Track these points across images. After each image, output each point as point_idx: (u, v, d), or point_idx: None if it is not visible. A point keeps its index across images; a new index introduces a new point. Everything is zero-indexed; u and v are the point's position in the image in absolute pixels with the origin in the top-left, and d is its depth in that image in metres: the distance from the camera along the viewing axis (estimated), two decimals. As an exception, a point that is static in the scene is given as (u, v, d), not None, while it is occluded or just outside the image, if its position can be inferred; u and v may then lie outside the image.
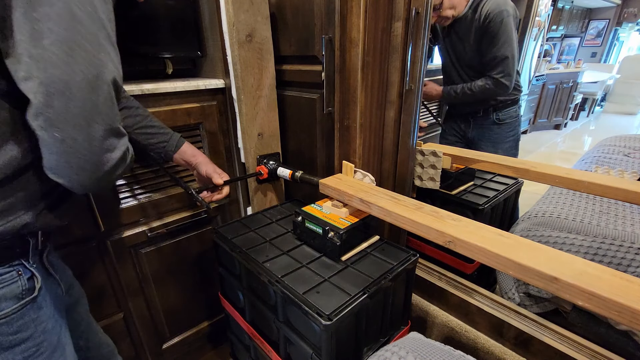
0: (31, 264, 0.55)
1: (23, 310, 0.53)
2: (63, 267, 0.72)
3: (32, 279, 0.55)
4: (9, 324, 0.52)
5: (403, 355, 0.67)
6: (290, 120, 1.19)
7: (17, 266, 0.53)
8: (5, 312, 0.51)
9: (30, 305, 0.54)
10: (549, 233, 1.07)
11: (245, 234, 0.98)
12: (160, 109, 0.99)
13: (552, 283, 0.51)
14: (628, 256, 0.92)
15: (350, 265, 0.82)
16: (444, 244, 0.65)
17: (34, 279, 0.56)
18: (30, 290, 0.54)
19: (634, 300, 0.45)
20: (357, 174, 0.96)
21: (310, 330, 0.72)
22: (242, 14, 0.96)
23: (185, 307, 1.26)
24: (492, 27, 1.34)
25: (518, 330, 0.85)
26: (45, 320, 0.57)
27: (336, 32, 0.86)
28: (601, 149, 1.75)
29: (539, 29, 2.97)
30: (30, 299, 0.54)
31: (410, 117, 0.94)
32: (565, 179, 0.90)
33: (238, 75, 1.01)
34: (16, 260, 0.53)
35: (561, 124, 4.64)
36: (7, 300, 0.51)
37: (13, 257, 0.53)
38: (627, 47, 6.30)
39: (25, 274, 0.54)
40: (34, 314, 0.55)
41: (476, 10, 1.38)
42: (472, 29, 1.40)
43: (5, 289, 0.51)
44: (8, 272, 0.52)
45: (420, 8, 0.82)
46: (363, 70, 0.86)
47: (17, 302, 0.52)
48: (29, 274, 0.55)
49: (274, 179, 1.17)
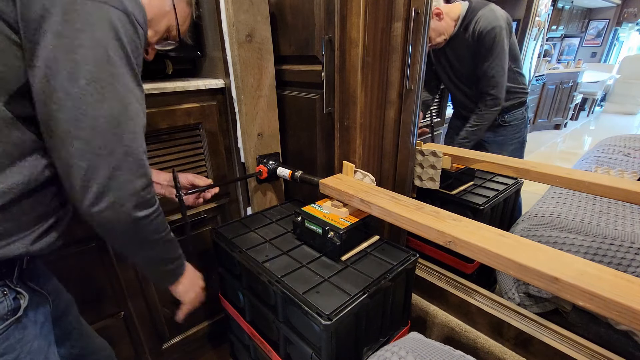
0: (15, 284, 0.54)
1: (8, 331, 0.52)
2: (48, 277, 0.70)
3: (17, 299, 0.54)
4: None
5: (403, 355, 0.67)
6: (290, 120, 1.19)
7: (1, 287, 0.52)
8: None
9: (15, 325, 0.53)
10: (549, 233, 1.07)
11: (245, 234, 0.98)
12: (160, 109, 0.99)
13: (552, 283, 0.51)
14: (628, 256, 0.92)
15: (350, 265, 0.82)
16: (445, 244, 0.65)
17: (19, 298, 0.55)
18: (15, 311, 0.53)
19: (635, 300, 0.45)
20: (357, 174, 0.96)
21: (310, 330, 0.72)
22: (241, 14, 0.96)
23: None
24: (484, 43, 1.35)
25: (518, 330, 0.85)
26: (31, 340, 0.56)
27: (336, 32, 0.86)
28: (601, 149, 1.75)
29: (538, 29, 2.96)
30: (14, 319, 0.53)
31: (410, 117, 0.94)
32: (566, 179, 0.90)
33: (238, 75, 1.01)
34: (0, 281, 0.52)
35: (561, 124, 4.64)
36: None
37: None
38: (627, 47, 6.30)
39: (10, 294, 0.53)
40: (19, 335, 0.54)
41: (467, 28, 1.38)
42: (464, 46, 1.42)
43: None
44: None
45: (420, 8, 0.82)
46: (363, 70, 0.86)
47: (2, 323, 0.51)
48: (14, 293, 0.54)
49: (273, 179, 1.17)
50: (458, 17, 1.40)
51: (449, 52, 1.50)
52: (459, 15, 1.40)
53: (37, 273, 0.64)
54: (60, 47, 0.45)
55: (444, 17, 1.39)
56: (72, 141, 0.48)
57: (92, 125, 0.48)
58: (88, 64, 0.47)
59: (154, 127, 0.98)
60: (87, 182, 0.50)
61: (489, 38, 1.33)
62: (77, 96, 0.46)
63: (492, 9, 1.36)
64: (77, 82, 0.46)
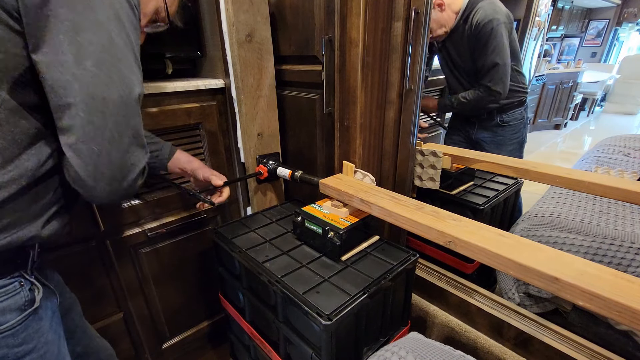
0: (30, 275, 0.56)
1: (26, 322, 0.54)
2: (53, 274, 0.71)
3: (32, 290, 0.56)
4: (14, 335, 0.52)
5: (403, 355, 0.67)
6: (290, 120, 1.19)
7: (18, 277, 0.54)
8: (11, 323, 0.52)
9: (32, 316, 0.55)
10: (549, 233, 1.07)
11: (245, 234, 0.98)
12: (160, 109, 0.99)
13: (552, 283, 0.51)
14: (628, 256, 0.92)
15: (350, 265, 0.82)
16: (445, 244, 0.65)
17: (34, 290, 0.56)
18: (32, 302, 0.55)
19: (635, 300, 0.45)
20: (357, 174, 0.96)
21: (310, 330, 0.72)
22: (241, 14, 0.96)
23: (185, 307, 1.26)
24: (481, 36, 1.34)
25: (518, 330, 0.85)
26: (46, 331, 0.58)
27: (336, 32, 0.86)
28: (601, 149, 1.75)
29: (538, 29, 2.96)
30: (32, 310, 0.55)
31: (410, 117, 0.94)
32: (566, 179, 0.90)
33: (238, 75, 1.01)
34: (16, 272, 0.54)
35: (561, 124, 4.64)
36: (11, 312, 0.52)
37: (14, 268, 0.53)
38: (627, 47, 6.30)
39: (26, 285, 0.55)
40: (37, 325, 0.56)
41: (467, 21, 1.38)
42: (464, 38, 1.41)
43: (10, 300, 0.52)
44: (10, 283, 0.52)
45: (420, 8, 0.82)
46: (363, 70, 0.86)
47: (20, 313, 0.53)
48: (29, 284, 0.55)
49: (273, 179, 1.16)
50: (459, 9, 1.39)
51: (449, 46, 1.49)
52: (460, 8, 1.39)
53: (44, 268, 0.65)
54: (64, 31, 0.45)
55: (446, 8, 1.38)
56: (83, 125, 0.47)
57: (102, 109, 0.48)
58: (93, 45, 0.46)
59: (154, 127, 0.98)
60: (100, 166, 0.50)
61: (486, 30, 1.32)
62: (85, 78, 0.46)
63: (492, 1, 1.35)
64: (83, 64, 0.46)
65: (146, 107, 0.96)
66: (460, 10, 1.39)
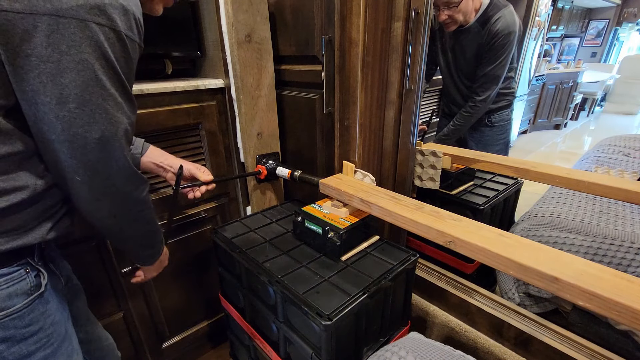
0: (36, 262, 0.58)
1: (32, 305, 0.57)
2: (62, 261, 0.74)
3: (38, 276, 0.58)
4: (21, 318, 0.55)
5: (403, 355, 0.67)
6: (290, 120, 1.19)
7: (24, 264, 0.56)
8: (17, 307, 0.55)
9: (39, 300, 0.58)
10: (549, 233, 1.07)
11: (245, 234, 0.98)
12: (160, 109, 0.98)
13: (552, 283, 0.51)
14: (628, 256, 0.92)
15: (350, 265, 0.82)
16: (445, 244, 0.65)
17: (40, 276, 0.59)
18: (38, 286, 0.58)
19: (635, 300, 0.45)
20: (357, 173, 0.96)
21: (310, 330, 0.72)
22: (241, 14, 0.96)
23: (185, 307, 1.26)
24: (497, 46, 1.33)
25: (518, 330, 0.85)
26: (53, 312, 0.61)
27: (336, 32, 0.86)
28: (601, 149, 1.75)
29: (539, 29, 2.97)
30: (38, 294, 0.58)
31: (410, 117, 0.94)
32: (566, 179, 0.90)
33: (237, 75, 1.01)
34: (23, 259, 0.56)
35: (561, 124, 4.63)
36: (18, 297, 0.55)
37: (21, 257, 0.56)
38: (627, 47, 6.30)
39: (32, 272, 0.57)
40: (43, 308, 0.59)
41: (484, 25, 1.35)
42: (476, 42, 1.39)
43: (16, 286, 0.55)
44: (17, 270, 0.55)
45: (420, 8, 0.82)
46: (363, 70, 0.86)
47: (27, 297, 0.56)
48: (36, 271, 0.58)
49: (273, 179, 1.16)
50: (479, 8, 1.37)
51: (456, 45, 1.47)
52: (480, 8, 1.36)
53: (53, 257, 0.68)
54: (47, 71, 0.44)
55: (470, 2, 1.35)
56: (65, 160, 0.50)
57: (84, 146, 0.49)
58: (77, 87, 0.46)
59: (154, 127, 0.98)
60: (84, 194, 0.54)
61: (503, 42, 1.32)
62: (67, 120, 0.47)
63: (512, 11, 1.34)
64: (66, 105, 0.46)
65: (146, 107, 0.96)
66: (479, 10, 1.37)
